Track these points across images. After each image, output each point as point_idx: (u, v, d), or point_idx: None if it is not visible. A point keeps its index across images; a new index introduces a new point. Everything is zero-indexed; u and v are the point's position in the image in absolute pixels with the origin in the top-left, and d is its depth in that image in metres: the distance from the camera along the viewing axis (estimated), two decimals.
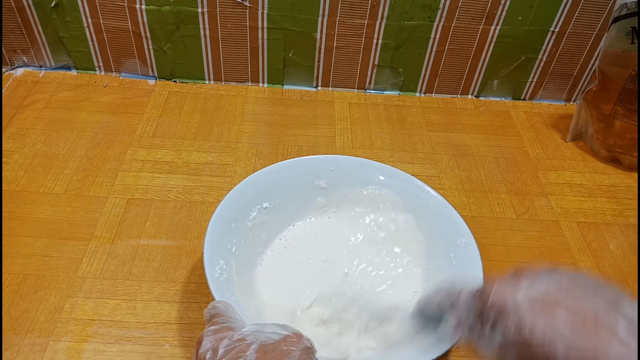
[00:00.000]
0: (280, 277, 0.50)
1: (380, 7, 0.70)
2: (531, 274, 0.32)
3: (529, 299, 0.30)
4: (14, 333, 0.46)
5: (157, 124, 0.71)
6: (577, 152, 0.73)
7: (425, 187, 0.52)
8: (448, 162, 0.69)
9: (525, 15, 0.71)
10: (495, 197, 0.64)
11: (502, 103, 0.81)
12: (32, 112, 0.70)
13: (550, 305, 0.29)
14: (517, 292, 0.30)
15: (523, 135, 0.75)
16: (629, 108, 0.66)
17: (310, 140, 0.70)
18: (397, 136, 0.72)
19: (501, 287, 0.31)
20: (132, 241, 0.55)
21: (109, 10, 0.71)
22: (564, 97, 0.82)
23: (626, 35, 0.63)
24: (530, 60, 0.77)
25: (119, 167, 0.63)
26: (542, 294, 0.30)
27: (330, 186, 0.55)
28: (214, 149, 0.67)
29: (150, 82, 0.78)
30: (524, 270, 0.32)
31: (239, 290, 0.44)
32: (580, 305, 0.29)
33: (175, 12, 0.71)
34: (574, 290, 0.30)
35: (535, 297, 0.30)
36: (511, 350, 0.30)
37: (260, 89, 0.79)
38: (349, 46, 0.75)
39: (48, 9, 0.71)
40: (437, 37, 0.74)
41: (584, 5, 0.70)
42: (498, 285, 0.32)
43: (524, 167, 0.69)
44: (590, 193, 0.66)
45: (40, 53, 0.77)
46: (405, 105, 0.79)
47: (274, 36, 0.74)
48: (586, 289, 0.30)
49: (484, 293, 0.32)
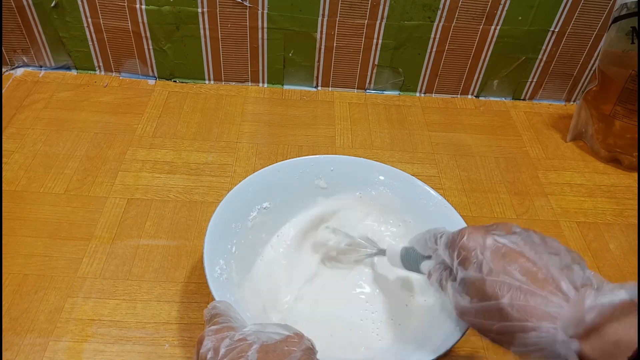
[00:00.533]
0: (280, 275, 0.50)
1: (380, 7, 0.70)
2: (505, 227, 0.35)
3: (495, 245, 0.33)
4: (14, 333, 0.46)
5: (157, 124, 0.71)
6: (577, 152, 0.73)
7: (425, 187, 0.52)
8: (448, 162, 0.69)
9: (525, 15, 0.71)
10: (495, 197, 0.64)
11: (502, 103, 0.81)
12: (32, 112, 0.70)
13: (512, 253, 0.32)
14: (487, 238, 0.34)
15: (523, 135, 0.75)
16: (629, 108, 0.66)
17: (310, 140, 0.70)
18: (397, 136, 0.72)
19: (475, 231, 0.35)
20: (132, 241, 0.55)
21: (109, 10, 0.71)
22: (564, 97, 0.82)
23: (626, 35, 0.63)
24: (530, 60, 0.77)
25: (119, 167, 0.63)
26: (509, 243, 0.33)
27: (330, 186, 0.55)
28: (214, 149, 0.67)
29: (150, 82, 0.78)
30: (500, 223, 0.35)
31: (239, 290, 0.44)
32: (538, 259, 0.32)
33: (175, 12, 0.71)
34: (537, 247, 0.33)
35: (502, 244, 0.33)
36: (468, 284, 0.33)
37: (260, 89, 0.79)
38: (349, 46, 0.75)
39: (48, 9, 0.71)
40: (437, 37, 0.74)
41: (584, 5, 0.70)
42: (472, 229, 0.35)
43: (524, 167, 0.69)
44: (590, 193, 0.66)
45: (40, 53, 0.77)
46: (405, 105, 0.79)
47: (274, 36, 0.74)
48: (550, 249, 0.33)
49: (460, 236, 0.35)
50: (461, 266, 0.34)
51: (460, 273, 0.34)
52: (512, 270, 0.31)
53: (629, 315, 0.27)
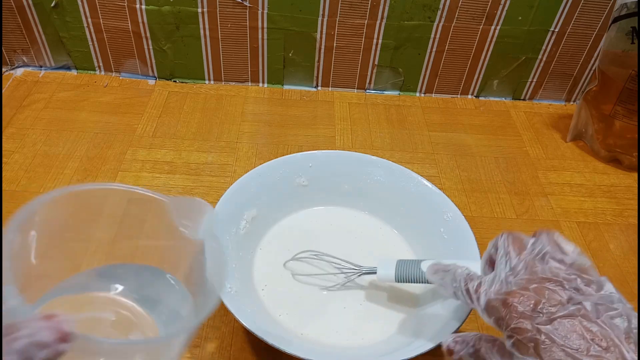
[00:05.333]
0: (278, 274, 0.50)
1: (380, 7, 0.70)
2: (556, 293, 0.31)
3: (551, 327, 0.29)
4: None
5: (157, 124, 0.71)
6: (577, 152, 0.73)
7: (404, 169, 0.54)
8: (448, 162, 0.69)
9: (525, 15, 0.71)
10: (495, 197, 0.64)
11: (502, 103, 0.81)
12: (32, 112, 0.70)
13: (572, 327, 0.29)
14: (537, 323, 0.30)
15: (523, 135, 0.75)
16: (629, 108, 0.66)
17: (310, 140, 0.70)
18: (397, 136, 0.72)
19: (523, 306, 0.30)
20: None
21: (109, 10, 0.71)
22: (564, 97, 0.82)
23: (626, 35, 0.63)
24: (530, 60, 0.77)
25: (119, 167, 0.63)
26: (565, 316, 0.30)
27: (311, 183, 0.55)
28: (214, 149, 0.67)
29: (150, 82, 0.78)
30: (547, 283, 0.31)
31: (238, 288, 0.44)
32: (599, 329, 0.29)
33: (175, 12, 0.71)
34: (592, 310, 0.30)
35: (558, 322, 0.29)
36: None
37: (260, 89, 0.79)
38: (349, 46, 0.75)
39: (48, 9, 0.71)
40: (437, 37, 0.74)
41: (584, 5, 0.70)
42: (519, 301, 0.31)
43: (524, 167, 0.69)
44: (590, 193, 0.66)
45: (40, 53, 0.77)
46: (405, 105, 0.79)
47: (274, 36, 0.74)
48: (602, 316, 0.30)
49: (506, 310, 0.31)
50: (515, 349, 0.30)
51: (515, 356, 0.30)
52: (578, 355, 0.28)
53: None
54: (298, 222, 0.55)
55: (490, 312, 0.32)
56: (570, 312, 0.29)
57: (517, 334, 0.30)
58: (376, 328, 0.46)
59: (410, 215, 0.54)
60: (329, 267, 0.50)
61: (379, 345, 0.45)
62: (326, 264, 0.50)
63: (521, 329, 0.30)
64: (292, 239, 0.53)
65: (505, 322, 0.31)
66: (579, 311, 0.29)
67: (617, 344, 0.28)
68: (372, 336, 0.46)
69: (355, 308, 0.48)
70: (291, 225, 0.55)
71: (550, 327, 0.29)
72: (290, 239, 0.53)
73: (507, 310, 0.31)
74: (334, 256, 0.49)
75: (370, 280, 0.50)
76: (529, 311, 0.30)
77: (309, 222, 0.55)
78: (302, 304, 0.48)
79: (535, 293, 0.31)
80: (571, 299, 0.30)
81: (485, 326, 0.49)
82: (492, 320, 0.32)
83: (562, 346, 0.28)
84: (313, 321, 0.46)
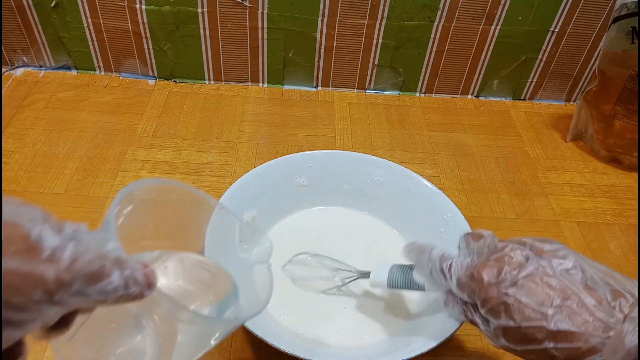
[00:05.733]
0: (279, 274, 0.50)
1: (380, 7, 0.70)
2: (516, 254, 0.33)
3: (518, 286, 0.32)
4: None
5: (157, 124, 0.71)
6: (577, 152, 0.73)
7: (404, 169, 0.54)
8: (448, 162, 0.69)
9: (525, 15, 0.71)
10: (495, 197, 0.64)
11: (502, 103, 0.81)
12: (32, 112, 0.70)
13: (536, 288, 0.31)
14: (503, 282, 0.32)
15: (523, 135, 0.75)
16: (629, 108, 0.66)
17: (310, 140, 0.70)
18: (397, 136, 0.72)
19: (488, 275, 0.33)
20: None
21: (109, 10, 0.71)
22: (564, 97, 0.82)
23: (626, 35, 0.63)
24: (530, 60, 0.77)
25: (119, 167, 0.63)
26: (527, 279, 0.32)
27: (311, 183, 0.55)
28: (214, 149, 0.67)
29: (150, 82, 0.78)
30: (509, 249, 0.34)
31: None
32: (557, 282, 0.31)
33: (175, 12, 0.71)
34: (548, 267, 0.32)
35: (522, 281, 0.32)
36: (503, 331, 0.32)
37: (260, 89, 0.79)
38: (349, 46, 0.75)
39: (48, 9, 0.71)
40: (437, 37, 0.74)
41: (584, 5, 0.70)
42: (484, 272, 0.33)
43: (524, 167, 0.69)
44: (590, 193, 0.66)
45: (40, 53, 0.77)
46: (405, 105, 0.79)
47: (274, 36, 0.74)
48: (558, 270, 0.32)
49: (475, 282, 0.34)
50: (490, 315, 0.33)
51: (491, 322, 0.33)
52: (544, 309, 0.30)
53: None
54: (298, 222, 0.55)
55: (462, 287, 0.35)
56: (530, 272, 0.32)
57: (487, 303, 0.33)
58: (376, 328, 0.46)
59: (410, 215, 0.54)
60: (325, 269, 0.50)
61: (379, 345, 0.45)
62: (323, 265, 0.50)
63: (490, 298, 0.33)
64: (292, 239, 0.53)
65: (476, 294, 0.34)
66: (537, 270, 0.32)
67: (576, 292, 0.31)
68: (372, 336, 0.46)
69: (355, 308, 0.48)
70: (291, 225, 0.55)
71: (516, 290, 0.32)
72: (290, 239, 0.53)
73: (475, 282, 0.34)
74: (331, 257, 0.49)
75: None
76: (494, 279, 0.33)
77: (309, 222, 0.55)
78: (302, 304, 0.48)
79: (497, 262, 0.33)
80: (528, 258, 0.33)
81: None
82: (465, 294, 0.35)
83: (528, 304, 0.31)
84: (313, 321, 0.46)
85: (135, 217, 0.32)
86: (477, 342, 0.48)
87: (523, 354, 0.32)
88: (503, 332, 0.32)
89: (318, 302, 0.48)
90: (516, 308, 0.31)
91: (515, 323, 0.31)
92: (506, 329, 0.32)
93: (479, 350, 0.48)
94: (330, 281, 0.49)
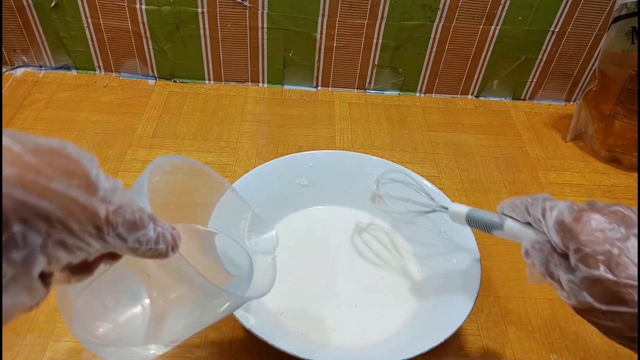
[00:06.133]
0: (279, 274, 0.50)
1: (380, 7, 0.70)
2: (620, 214, 0.31)
3: (629, 241, 0.29)
4: (14, 333, 0.46)
5: (157, 124, 0.71)
6: (577, 152, 0.73)
7: (403, 169, 0.54)
8: (448, 162, 0.69)
9: (525, 15, 0.71)
10: (495, 197, 0.64)
11: (502, 103, 0.81)
12: (32, 112, 0.70)
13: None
14: (613, 232, 0.30)
15: (523, 135, 0.75)
16: (629, 108, 0.66)
17: (310, 140, 0.70)
18: (397, 136, 0.72)
19: (596, 222, 0.31)
20: None
21: (109, 10, 0.71)
22: (564, 97, 0.82)
23: (626, 35, 0.63)
24: (530, 60, 0.77)
25: (119, 167, 0.63)
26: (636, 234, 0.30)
27: (311, 183, 0.56)
28: (214, 149, 0.67)
29: (150, 82, 0.78)
30: (613, 208, 0.31)
31: None
32: None
33: (175, 12, 0.71)
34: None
35: (632, 240, 0.29)
36: (594, 284, 0.30)
37: (260, 89, 0.79)
38: (349, 46, 0.75)
39: (48, 9, 0.71)
40: (437, 37, 0.74)
41: (584, 5, 0.70)
42: (591, 218, 0.31)
43: (524, 167, 0.69)
44: (590, 193, 0.66)
45: (40, 53, 0.77)
46: (405, 105, 0.79)
47: (274, 36, 0.74)
48: None
49: (578, 224, 0.31)
50: (583, 263, 0.30)
51: (581, 270, 0.30)
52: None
53: None
54: (298, 222, 0.55)
55: (559, 227, 0.32)
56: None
57: (587, 247, 0.30)
58: (376, 328, 0.46)
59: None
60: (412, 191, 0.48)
61: (379, 345, 0.45)
62: (411, 188, 0.49)
63: (592, 242, 0.30)
64: (292, 238, 0.53)
65: (575, 235, 0.31)
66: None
67: None
68: (372, 336, 0.46)
69: (356, 308, 0.48)
70: (291, 225, 0.55)
71: (628, 244, 0.29)
72: (290, 239, 0.53)
73: (579, 224, 0.31)
74: (419, 185, 0.48)
75: (370, 280, 0.50)
76: (603, 225, 0.30)
77: (309, 222, 0.55)
78: (302, 303, 0.48)
79: (610, 213, 0.31)
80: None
81: (485, 325, 0.49)
82: (559, 237, 0.32)
83: (634, 261, 0.28)
84: (313, 321, 0.46)
85: (158, 187, 0.33)
86: (477, 342, 0.48)
87: (603, 316, 0.30)
88: (591, 284, 0.30)
89: (318, 303, 0.48)
90: (621, 261, 0.28)
91: (613, 276, 0.28)
92: (597, 281, 0.29)
93: (479, 350, 0.48)
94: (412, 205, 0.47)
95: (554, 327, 0.50)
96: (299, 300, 0.48)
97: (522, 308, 0.52)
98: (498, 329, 0.49)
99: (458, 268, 0.48)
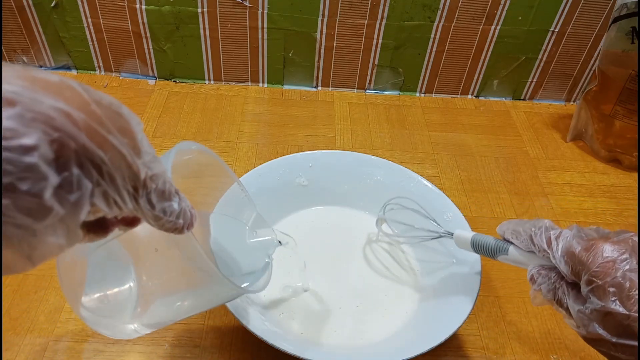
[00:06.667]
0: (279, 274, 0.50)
1: (380, 7, 0.70)
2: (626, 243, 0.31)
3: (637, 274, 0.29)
4: (14, 333, 0.46)
5: (157, 124, 0.71)
6: (577, 152, 0.73)
7: (404, 169, 0.54)
8: (448, 162, 0.69)
9: (525, 15, 0.71)
10: (495, 197, 0.64)
11: (502, 103, 0.81)
12: None
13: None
14: (623, 263, 0.29)
15: (523, 135, 0.75)
16: (629, 108, 0.66)
17: (310, 140, 0.70)
18: (397, 136, 0.72)
19: (606, 252, 0.30)
20: None
21: (109, 10, 0.71)
22: (564, 97, 0.82)
23: (626, 35, 0.63)
24: (530, 60, 0.77)
25: None
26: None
27: (311, 183, 0.56)
28: (214, 149, 0.67)
29: (150, 82, 0.78)
30: (620, 237, 0.31)
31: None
32: None
33: (175, 12, 0.71)
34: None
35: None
36: (605, 317, 0.29)
37: (260, 89, 0.79)
38: (349, 46, 0.75)
39: (48, 9, 0.71)
40: (437, 37, 0.74)
41: (584, 5, 0.70)
42: (602, 249, 0.30)
43: (524, 167, 0.69)
44: (590, 193, 0.66)
45: (40, 53, 0.77)
46: (405, 105, 0.79)
47: (274, 36, 0.74)
48: None
49: (587, 254, 0.31)
50: (594, 294, 0.29)
51: (592, 302, 0.30)
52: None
53: None
54: (298, 222, 0.55)
55: (569, 257, 0.32)
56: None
57: (598, 278, 0.29)
58: (376, 328, 0.46)
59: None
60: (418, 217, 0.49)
61: (379, 345, 0.45)
62: (417, 213, 0.49)
63: (604, 273, 0.29)
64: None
65: (586, 266, 0.30)
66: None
67: None
68: (371, 336, 0.46)
69: (355, 308, 0.48)
70: (291, 225, 0.55)
71: (637, 275, 0.28)
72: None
73: (589, 254, 0.30)
74: (423, 212, 0.48)
75: (370, 280, 0.50)
76: (614, 257, 0.30)
77: (309, 222, 0.55)
78: (302, 303, 0.48)
79: (621, 241, 0.30)
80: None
81: (485, 325, 0.49)
82: (568, 266, 0.32)
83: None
84: (312, 321, 0.46)
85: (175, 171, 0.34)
86: (477, 342, 0.48)
87: (614, 347, 0.29)
88: (603, 317, 0.29)
89: (318, 303, 0.48)
90: (632, 294, 0.28)
91: (625, 309, 0.28)
92: (609, 314, 0.29)
93: (479, 350, 0.48)
94: (417, 231, 0.49)
95: (553, 327, 0.50)
96: (299, 300, 0.48)
97: (522, 308, 0.52)
98: (498, 329, 0.49)
99: (458, 268, 0.48)
